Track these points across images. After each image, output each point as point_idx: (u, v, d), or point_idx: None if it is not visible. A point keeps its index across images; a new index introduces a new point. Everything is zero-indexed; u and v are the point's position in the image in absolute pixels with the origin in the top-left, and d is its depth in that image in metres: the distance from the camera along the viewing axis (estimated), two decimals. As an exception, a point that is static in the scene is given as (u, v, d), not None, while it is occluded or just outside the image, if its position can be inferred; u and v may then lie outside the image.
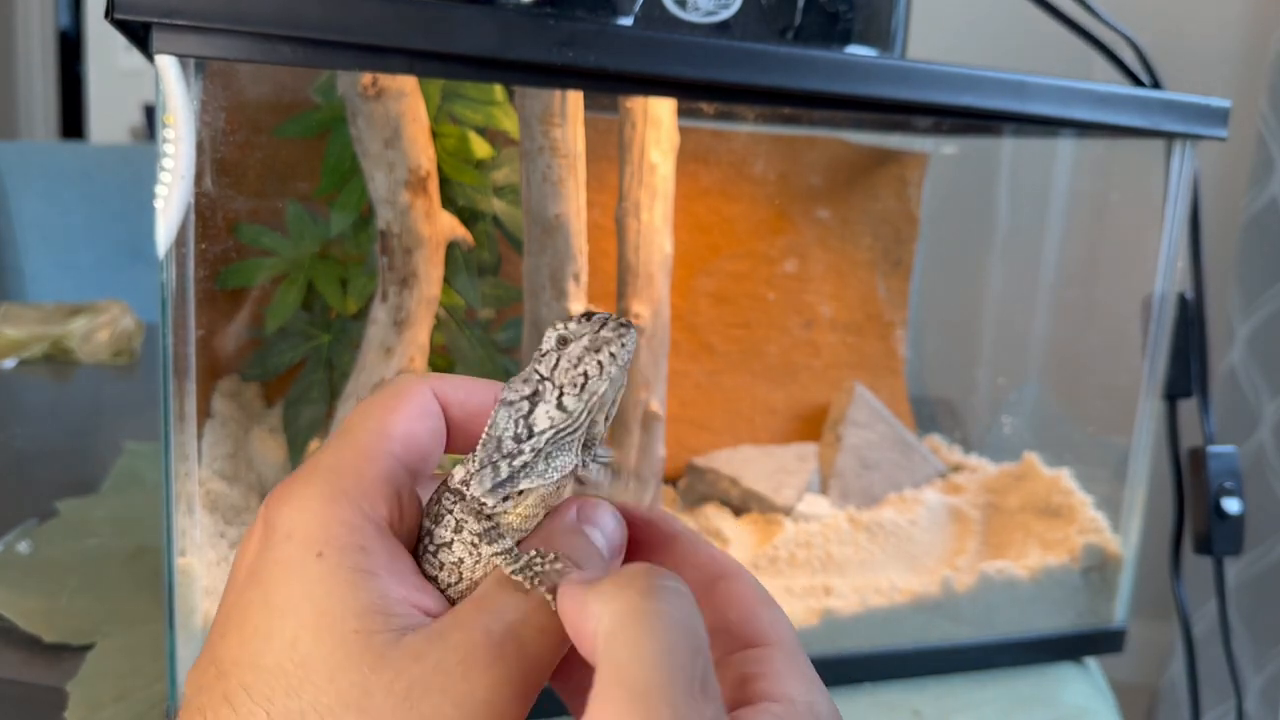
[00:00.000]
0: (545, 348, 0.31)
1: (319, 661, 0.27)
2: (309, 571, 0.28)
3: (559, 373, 0.31)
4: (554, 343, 0.31)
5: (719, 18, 0.59)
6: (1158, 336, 0.74)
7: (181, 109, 0.50)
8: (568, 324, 0.32)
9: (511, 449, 0.31)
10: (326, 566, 0.28)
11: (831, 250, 0.92)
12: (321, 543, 0.28)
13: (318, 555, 0.28)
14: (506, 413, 0.31)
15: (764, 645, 0.30)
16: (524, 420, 0.31)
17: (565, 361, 0.31)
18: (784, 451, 0.86)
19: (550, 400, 0.31)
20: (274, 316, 0.73)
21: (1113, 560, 0.75)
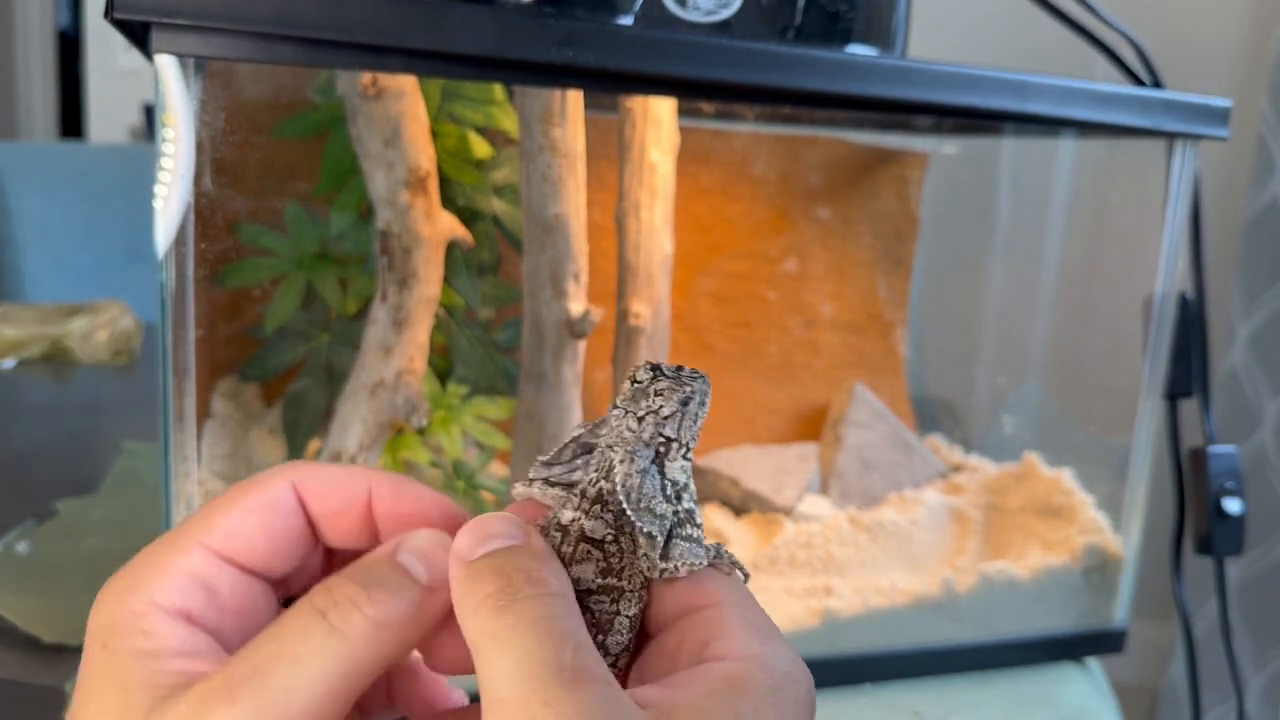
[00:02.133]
0: (667, 410, 0.32)
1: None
2: (95, 663, 0.28)
3: (685, 430, 0.32)
4: (677, 403, 0.32)
5: (719, 17, 0.59)
6: (1158, 336, 0.74)
7: (181, 109, 0.50)
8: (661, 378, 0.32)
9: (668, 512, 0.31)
10: (107, 654, 0.28)
11: (832, 250, 0.92)
12: (107, 634, 0.28)
13: (103, 646, 0.28)
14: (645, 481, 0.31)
15: (710, 606, 0.30)
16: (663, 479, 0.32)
17: (689, 420, 0.32)
18: (784, 451, 0.86)
19: (677, 457, 0.32)
20: (273, 316, 0.73)
21: (1113, 560, 0.75)
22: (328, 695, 0.27)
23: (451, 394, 0.75)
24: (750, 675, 0.28)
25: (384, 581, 0.29)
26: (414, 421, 0.67)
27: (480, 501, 0.73)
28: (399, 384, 0.67)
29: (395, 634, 0.29)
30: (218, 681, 0.27)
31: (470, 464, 0.74)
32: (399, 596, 0.29)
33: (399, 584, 0.29)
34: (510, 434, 0.74)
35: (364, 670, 0.28)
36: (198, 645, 0.29)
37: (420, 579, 0.30)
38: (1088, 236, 0.92)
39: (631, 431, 0.32)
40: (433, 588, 0.30)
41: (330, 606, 0.28)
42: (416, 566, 0.30)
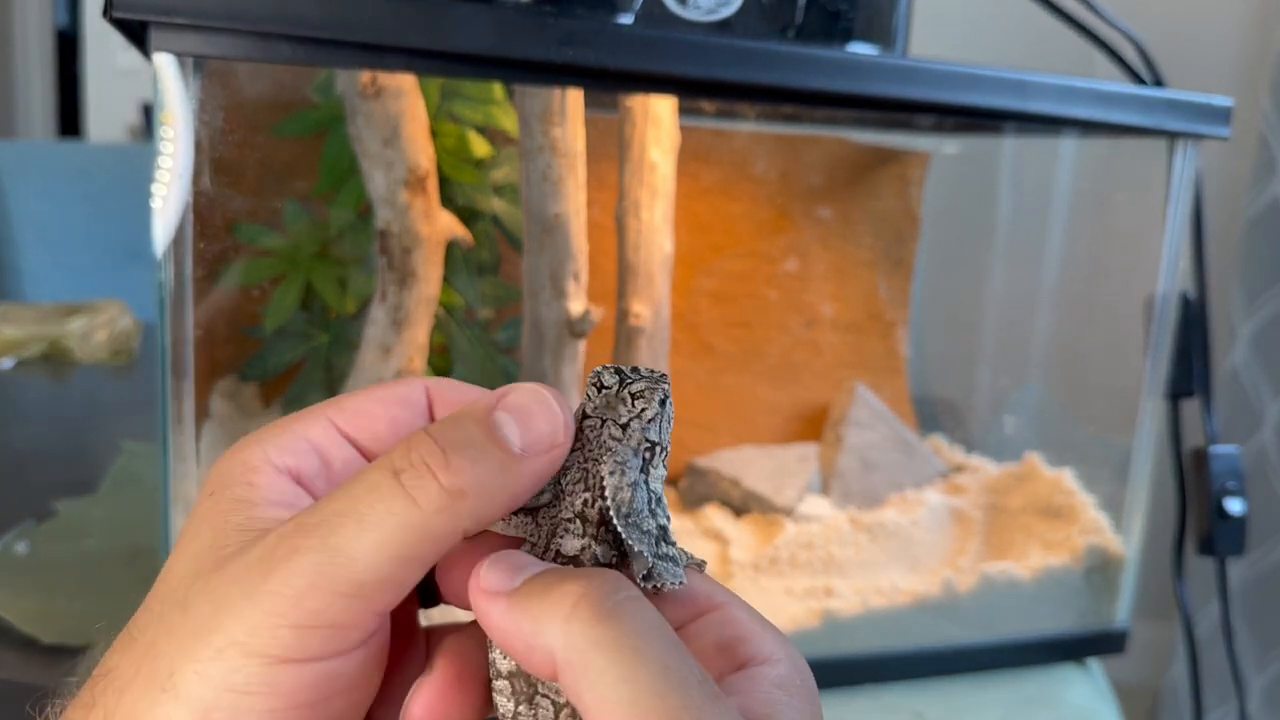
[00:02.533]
0: (650, 413, 0.30)
1: (173, 577, 0.27)
2: (200, 509, 0.28)
3: (665, 433, 0.30)
4: (657, 406, 0.30)
5: (720, 15, 0.59)
6: (1160, 336, 0.74)
7: (179, 108, 0.50)
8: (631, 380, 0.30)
9: (653, 526, 0.29)
10: (212, 501, 0.28)
11: (833, 249, 0.92)
12: (216, 483, 0.28)
13: (210, 494, 0.28)
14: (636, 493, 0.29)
15: (716, 609, 0.29)
16: (648, 490, 0.30)
17: (666, 422, 0.30)
18: (785, 452, 0.86)
19: (659, 463, 0.30)
20: (272, 316, 0.73)
21: (1115, 561, 0.75)
22: (394, 561, 0.26)
23: (451, 394, 0.75)
24: (791, 677, 0.27)
25: (468, 444, 0.27)
26: (413, 422, 0.67)
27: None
28: (398, 384, 0.67)
29: (473, 504, 0.26)
30: (288, 529, 0.26)
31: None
32: (481, 464, 0.27)
33: (484, 449, 0.27)
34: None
35: (435, 539, 0.26)
36: (300, 501, 0.29)
37: (512, 444, 0.27)
38: (1089, 236, 0.92)
39: (616, 440, 0.29)
40: (525, 454, 0.27)
41: (405, 467, 0.26)
42: (510, 429, 0.27)
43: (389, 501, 0.26)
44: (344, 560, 0.25)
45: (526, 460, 0.27)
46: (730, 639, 0.29)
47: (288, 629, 0.25)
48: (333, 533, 0.26)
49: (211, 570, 0.26)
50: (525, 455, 0.27)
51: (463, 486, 0.26)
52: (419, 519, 0.26)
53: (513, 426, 0.27)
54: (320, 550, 0.25)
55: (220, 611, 0.25)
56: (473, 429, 0.27)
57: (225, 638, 0.25)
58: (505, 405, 0.28)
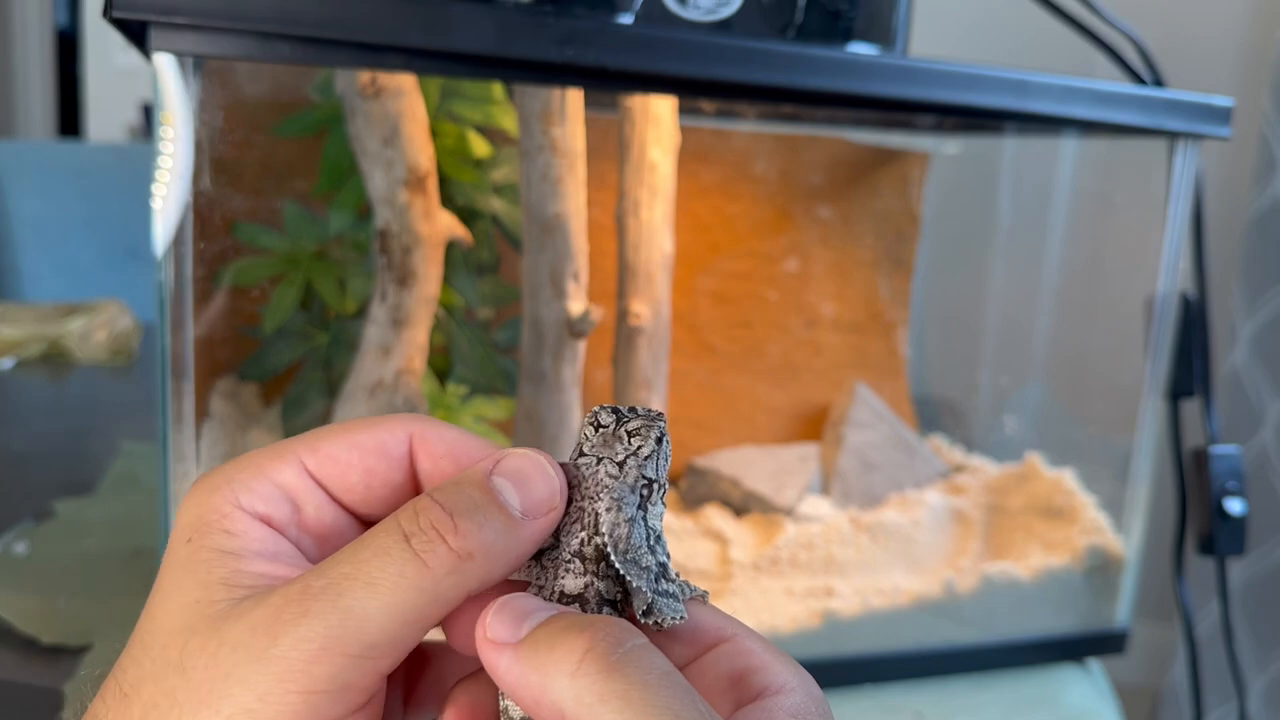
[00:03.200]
0: (646, 450, 0.30)
1: (162, 632, 0.27)
2: (177, 556, 0.28)
3: (662, 471, 0.31)
4: (653, 444, 0.30)
5: (719, 15, 0.59)
6: (1160, 336, 0.74)
7: (179, 108, 0.50)
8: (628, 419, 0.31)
9: (653, 563, 0.30)
10: (190, 550, 0.28)
11: (833, 249, 0.92)
12: (191, 529, 0.28)
13: (187, 541, 0.28)
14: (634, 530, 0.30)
15: (726, 640, 0.29)
16: (646, 527, 0.30)
17: (663, 460, 0.31)
18: (785, 452, 0.86)
19: (658, 500, 0.30)
20: (272, 316, 0.73)
21: (1115, 561, 0.75)
22: (405, 623, 0.26)
23: (451, 394, 0.75)
24: (806, 706, 0.28)
25: (473, 509, 0.28)
26: (413, 422, 0.67)
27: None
28: (398, 384, 0.67)
29: (480, 566, 0.27)
30: (293, 593, 0.26)
31: (470, 464, 0.74)
32: (486, 528, 0.27)
33: (488, 513, 0.28)
34: (510, 434, 0.74)
35: (444, 601, 0.27)
36: (279, 550, 0.29)
37: (513, 509, 0.28)
38: (1089, 236, 0.92)
39: (613, 478, 0.30)
40: (525, 517, 0.28)
41: (415, 531, 0.27)
42: (510, 495, 0.28)
43: (401, 565, 0.26)
44: (355, 623, 0.26)
45: (527, 524, 0.28)
46: (742, 670, 0.29)
47: (298, 694, 0.25)
48: (342, 595, 0.26)
49: (206, 629, 0.26)
50: (525, 519, 0.28)
51: (471, 550, 0.27)
52: (430, 582, 0.27)
53: (512, 492, 0.28)
54: (331, 614, 0.26)
55: (227, 678, 0.25)
56: (475, 494, 0.28)
57: (234, 705, 0.25)
58: (501, 470, 0.29)
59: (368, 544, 0.27)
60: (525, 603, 0.28)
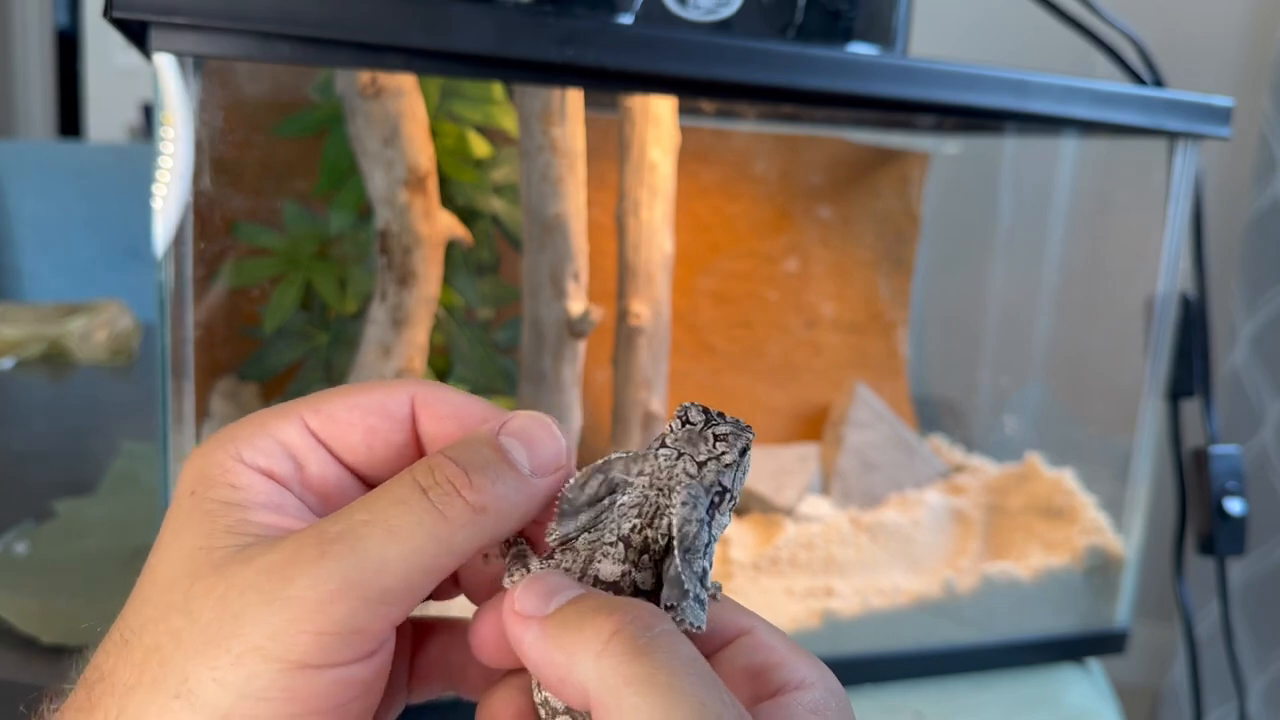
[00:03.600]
0: (729, 458, 0.30)
1: (163, 579, 0.27)
2: (181, 508, 0.28)
3: (739, 484, 0.30)
4: (737, 454, 0.30)
5: (719, 15, 0.59)
6: (1160, 336, 0.74)
7: (179, 108, 0.50)
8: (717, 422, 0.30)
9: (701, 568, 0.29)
10: (194, 501, 0.28)
11: (833, 249, 0.92)
12: (195, 483, 0.29)
13: (190, 493, 0.29)
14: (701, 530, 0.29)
15: (745, 634, 0.30)
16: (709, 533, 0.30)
17: (742, 473, 0.30)
18: (785, 452, 0.86)
19: (727, 510, 0.30)
20: (272, 316, 0.73)
21: (1115, 561, 0.75)
22: (420, 571, 0.27)
23: (451, 394, 0.75)
24: (826, 701, 0.28)
25: (485, 465, 0.28)
26: (413, 422, 0.67)
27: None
28: (398, 384, 0.67)
29: (493, 520, 0.28)
30: (309, 537, 0.27)
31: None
32: (499, 483, 0.28)
33: (499, 470, 0.29)
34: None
35: (457, 552, 0.28)
36: (284, 503, 0.29)
37: (521, 465, 0.29)
38: (1089, 236, 0.92)
39: (690, 476, 0.29)
40: (534, 475, 0.29)
41: (432, 485, 0.28)
42: (519, 453, 0.29)
43: (420, 514, 0.27)
44: (373, 568, 0.26)
45: (535, 481, 0.29)
46: (761, 665, 0.29)
47: (310, 634, 0.26)
48: (361, 540, 0.27)
49: (212, 573, 0.26)
50: (534, 476, 0.29)
51: (485, 503, 0.28)
52: (447, 532, 0.27)
53: (520, 450, 0.29)
54: (349, 556, 0.26)
55: (237, 617, 0.26)
56: (487, 452, 0.29)
57: (244, 644, 0.25)
58: (509, 430, 0.30)
59: (383, 495, 0.28)
60: (556, 579, 0.28)
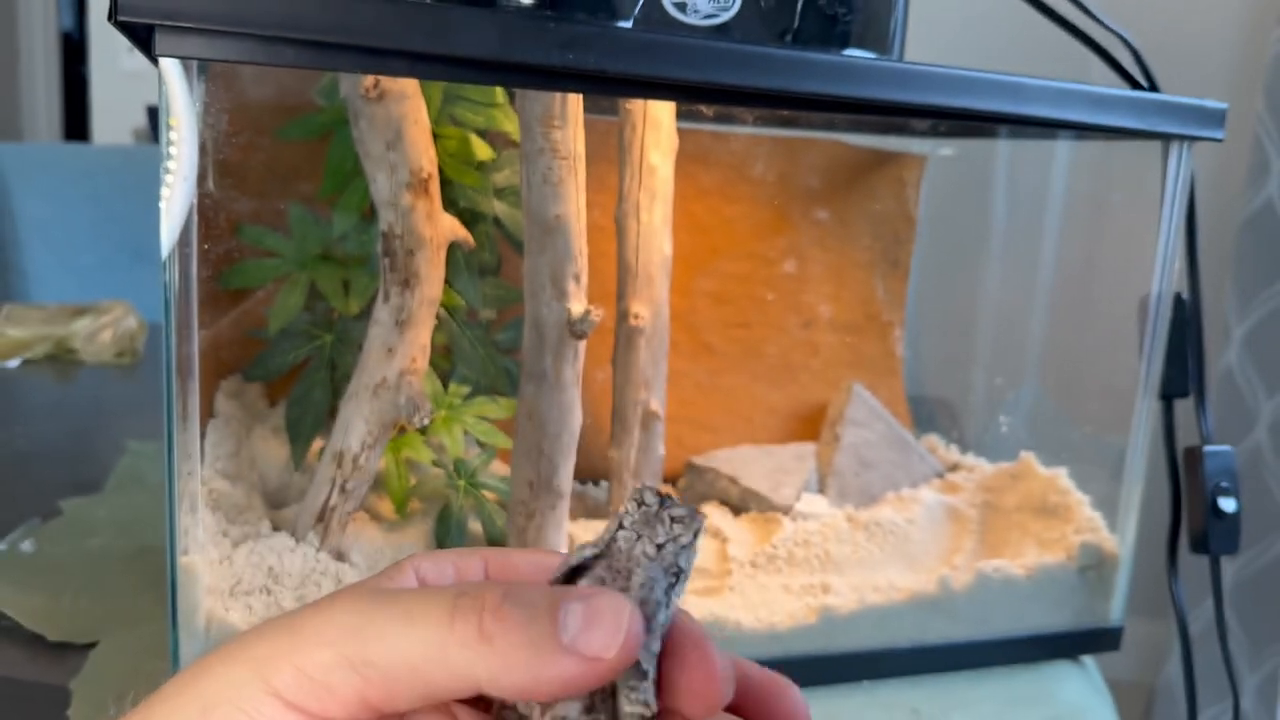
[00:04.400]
0: (685, 539, 0.30)
1: None
2: None
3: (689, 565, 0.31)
4: (691, 536, 0.30)
5: (718, 20, 0.59)
6: (1154, 337, 0.75)
7: (184, 111, 0.51)
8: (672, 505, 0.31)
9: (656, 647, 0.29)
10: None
11: (830, 251, 0.92)
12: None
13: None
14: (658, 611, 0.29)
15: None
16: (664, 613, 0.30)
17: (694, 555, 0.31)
18: (783, 451, 0.87)
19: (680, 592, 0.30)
20: (276, 317, 0.74)
21: (1109, 559, 0.75)
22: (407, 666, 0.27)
23: (453, 394, 0.75)
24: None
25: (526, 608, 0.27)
26: (416, 421, 0.68)
27: (481, 500, 0.74)
28: (401, 384, 0.68)
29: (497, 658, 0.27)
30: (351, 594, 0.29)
31: (472, 463, 0.75)
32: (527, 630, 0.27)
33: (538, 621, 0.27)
34: (511, 433, 0.74)
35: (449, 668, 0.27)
36: None
37: (564, 632, 0.27)
38: (1084, 238, 0.92)
39: (649, 558, 0.30)
40: (570, 648, 0.27)
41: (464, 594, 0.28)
42: (573, 619, 0.27)
43: (434, 612, 0.27)
44: (368, 636, 0.27)
45: (567, 655, 0.27)
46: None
47: (292, 670, 0.27)
48: (378, 612, 0.27)
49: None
50: (569, 650, 0.27)
51: (496, 635, 0.27)
52: (445, 641, 0.27)
53: (577, 619, 0.27)
54: (357, 616, 0.27)
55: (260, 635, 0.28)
56: (539, 600, 0.28)
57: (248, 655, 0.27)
58: (586, 599, 0.28)
59: (432, 589, 0.29)
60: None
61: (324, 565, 0.65)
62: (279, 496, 0.74)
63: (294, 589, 0.63)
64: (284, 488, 0.75)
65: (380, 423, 0.68)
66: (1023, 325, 0.94)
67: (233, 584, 0.61)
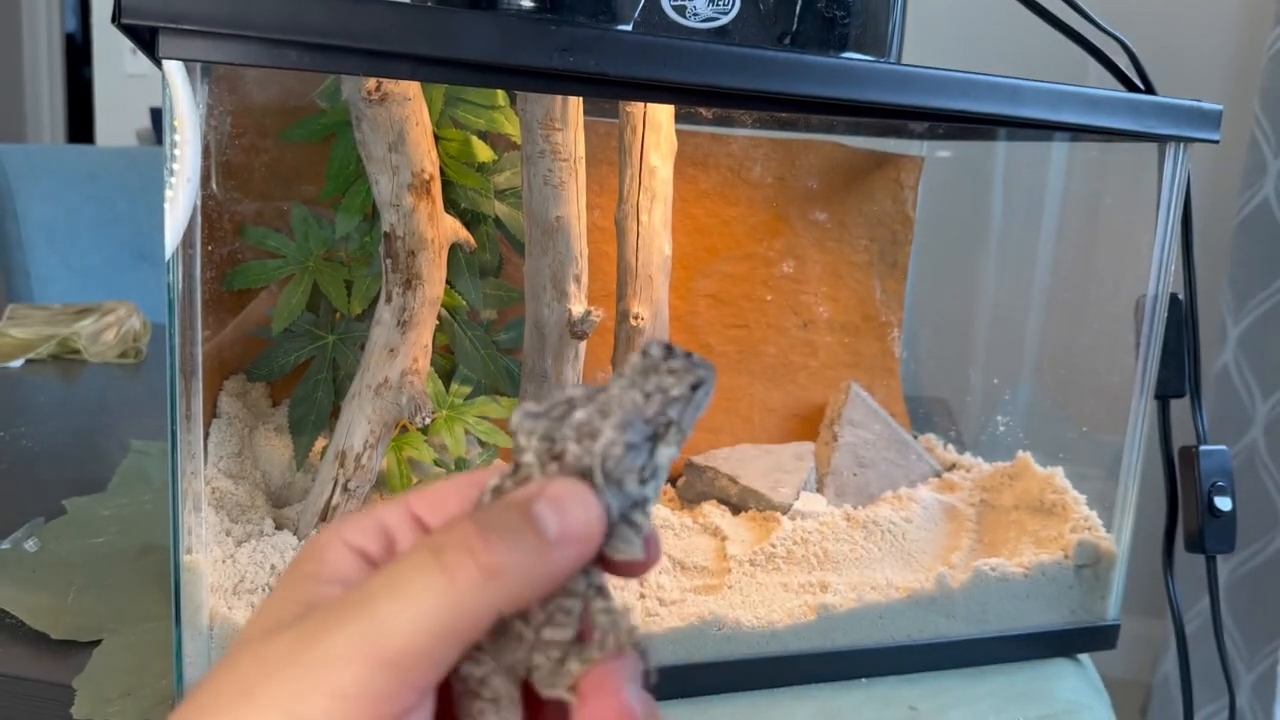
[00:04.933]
0: (676, 391, 0.30)
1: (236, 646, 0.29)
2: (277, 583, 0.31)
3: (688, 418, 0.30)
4: (688, 388, 0.30)
5: (717, 23, 0.60)
6: (1150, 337, 0.75)
7: (188, 113, 0.51)
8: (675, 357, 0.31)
9: (636, 494, 0.30)
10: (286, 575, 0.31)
11: (828, 252, 0.93)
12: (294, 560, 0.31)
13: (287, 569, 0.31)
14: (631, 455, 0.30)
15: None
16: (651, 460, 0.30)
17: (692, 408, 0.31)
18: (781, 450, 0.87)
19: (672, 442, 0.30)
20: (280, 318, 0.74)
21: (1106, 557, 0.76)
22: (430, 635, 0.27)
23: (455, 394, 0.76)
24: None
25: (505, 527, 0.28)
26: (418, 420, 0.68)
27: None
28: (403, 384, 0.68)
29: (509, 584, 0.28)
30: (335, 604, 0.28)
31: (473, 462, 0.75)
32: (517, 547, 0.28)
33: (520, 533, 0.28)
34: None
35: (470, 615, 0.27)
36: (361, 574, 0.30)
37: (548, 532, 0.28)
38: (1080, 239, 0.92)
39: (634, 405, 0.30)
40: (560, 541, 0.28)
41: (445, 546, 0.28)
42: (548, 518, 0.28)
43: (429, 577, 0.27)
44: (384, 633, 0.27)
45: (560, 546, 0.28)
46: None
47: (325, 697, 0.26)
48: (375, 606, 0.27)
49: (262, 636, 0.28)
50: (560, 542, 0.28)
51: (497, 566, 0.28)
52: (455, 596, 0.27)
53: (551, 515, 0.28)
54: (360, 621, 0.27)
55: (268, 677, 0.27)
56: (512, 515, 0.29)
57: (269, 700, 0.27)
58: (545, 495, 0.29)
59: (404, 559, 0.28)
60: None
61: (326, 563, 0.65)
62: (282, 495, 0.75)
63: (297, 586, 0.63)
64: (287, 487, 0.75)
65: (383, 422, 0.69)
66: (1020, 325, 0.95)
67: (236, 582, 0.62)
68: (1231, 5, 1.95)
